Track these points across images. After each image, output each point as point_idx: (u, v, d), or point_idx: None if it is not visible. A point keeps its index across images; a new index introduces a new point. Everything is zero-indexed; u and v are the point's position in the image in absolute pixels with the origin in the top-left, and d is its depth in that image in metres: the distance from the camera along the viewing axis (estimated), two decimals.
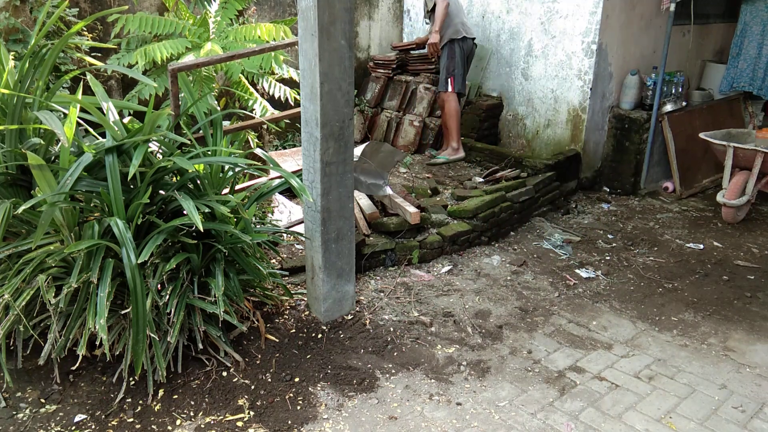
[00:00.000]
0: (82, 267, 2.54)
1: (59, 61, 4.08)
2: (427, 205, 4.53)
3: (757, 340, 3.45)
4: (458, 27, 5.53)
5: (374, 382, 2.98)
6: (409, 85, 6.31)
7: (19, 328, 2.72)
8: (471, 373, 3.08)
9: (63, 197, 2.52)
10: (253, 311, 3.19)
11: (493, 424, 2.74)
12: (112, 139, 2.71)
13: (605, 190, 5.80)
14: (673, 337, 3.47)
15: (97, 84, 2.92)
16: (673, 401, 2.92)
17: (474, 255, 4.40)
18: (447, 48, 5.55)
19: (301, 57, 3.08)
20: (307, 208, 3.32)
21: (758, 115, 6.57)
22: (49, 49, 2.76)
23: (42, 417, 2.67)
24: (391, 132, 6.28)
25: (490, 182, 5.17)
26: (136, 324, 2.54)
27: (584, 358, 3.25)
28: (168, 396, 2.81)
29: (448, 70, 5.55)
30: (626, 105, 5.66)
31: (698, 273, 4.29)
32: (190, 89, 3.41)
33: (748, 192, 5.04)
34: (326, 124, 3.06)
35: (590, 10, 5.20)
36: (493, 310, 3.69)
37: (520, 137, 6.02)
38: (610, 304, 3.83)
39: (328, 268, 3.33)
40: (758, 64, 6.00)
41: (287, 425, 2.68)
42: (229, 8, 4.83)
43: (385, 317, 3.52)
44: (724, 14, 6.43)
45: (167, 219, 2.79)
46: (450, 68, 5.55)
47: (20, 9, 4.10)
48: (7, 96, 2.68)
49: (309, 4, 2.88)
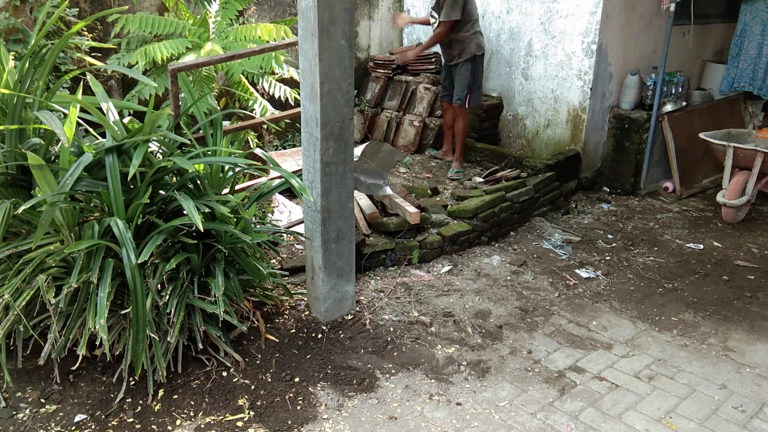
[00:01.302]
0: (82, 267, 2.54)
1: (59, 61, 4.08)
2: (427, 205, 4.53)
3: (757, 340, 3.45)
4: (480, 41, 5.37)
5: (374, 382, 2.98)
6: (409, 85, 6.31)
7: (19, 328, 2.72)
8: (471, 373, 3.08)
9: (63, 197, 2.52)
10: (253, 311, 3.19)
11: (493, 424, 2.74)
12: (112, 139, 2.71)
13: (605, 190, 5.80)
14: (673, 337, 3.47)
15: (97, 84, 2.92)
16: (673, 401, 2.92)
17: (474, 255, 4.40)
18: (469, 63, 5.32)
19: (301, 57, 3.08)
20: (307, 208, 3.32)
21: (758, 115, 6.57)
22: (49, 49, 2.76)
23: (42, 417, 2.67)
24: (391, 132, 6.28)
25: (490, 182, 5.17)
26: (136, 324, 2.54)
27: (584, 358, 3.25)
28: (168, 396, 2.81)
29: (470, 87, 5.37)
30: (626, 105, 5.66)
31: (698, 273, 4.28)
32: (190, 89, 3.41)
33: (748, 192, 5.04)
34: (326, 124, 3.06)
35: (590, 10, 5.20)
36: (493, 310, 3.69)
37: (520, 137, 6.02)
38: (610, 304, 3.83)
39: (328, 268, 3.33)
40: (758, 64, 6.00)
41: (287, 425, 2.68)
42: (229, 8, 4.83)
43: (385, 317, 3.52)
44: (724, 14, 6.42)
45: (167, 219, 2.79)
46: (471, 84, 5.37)
47: (20, 9, 4.10)
48: (7, 96, 2.68)
49: (309, 4, 2.88)
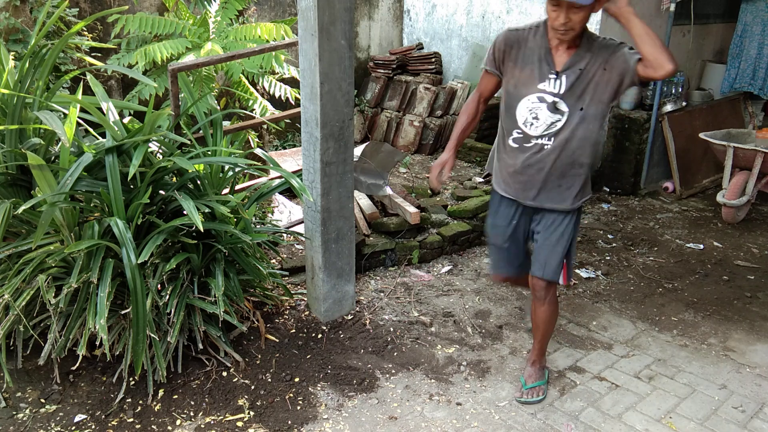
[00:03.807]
0: (82, 267, 2.54)
1: (59, 61, 4.08)
2: (427, 205, 4.53)
3: (757, 340, 3.45)
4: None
5: (374, 382, 2.98)
6: (409, 85, 6.31)
7: (19, 328, 2.72)
8: (471, 373, 3.08)
9: (63, 197, 2.52)
10: (253, 311, 3.19)
11: (493, 424, 2.74)
12: (112, 139, 2.71)
13: (605, 190, 5.80)
14: (673, 337, 3.47)
15: (97, 84, 2.92)
16: (673, 401, 2.92)
17: (474, 255, 4.40)
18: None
19: (301, 57, 3.08)
20: (307, 208, 3.32)
21: (758, 115, 6.57)
22: (49, 49, 2.76)
23: (42, 417, 2.67)
24: (391, 132, 6.28)
25: (490, 182, 5.16)
26: (136, 324, 2.54)
27: (584, 358, 3.25)
28: (168, 396, 2.81)
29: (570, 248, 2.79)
30: (626, 105, 5.66)
31: (698, 273, 4.28)
32: (190, 89, 3.41)
33: (748, 192, 5.03)
34: (326, 124, 3.06)
35: None
36: (493, 310, 3.69)
37: None
38: (610, 304, 3.83)
39: (328, 268, 3.33)
40: (759, 64, 6.00)
41: (287, 425, 2.68)
42: (229, 8, 4.83)
43: (385, 317, 3.52)
44: (724, 14, 6.42)
45: (167, 219, 2.79)
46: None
47: (20, 9, 4.10)
48: (7, 96, 2.68)
49: (309, 4, 2.88)
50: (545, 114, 2.52)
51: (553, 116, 2.51)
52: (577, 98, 2.48)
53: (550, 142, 2.55)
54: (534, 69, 2.51)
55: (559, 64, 2.48)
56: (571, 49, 2.47)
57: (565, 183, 2.62)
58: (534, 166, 2.61)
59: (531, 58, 2.52)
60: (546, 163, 2.58)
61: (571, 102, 2.49)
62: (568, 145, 2.54)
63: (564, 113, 2.50)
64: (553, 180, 2.61)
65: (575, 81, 2.46)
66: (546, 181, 2.62)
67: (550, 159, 2.57)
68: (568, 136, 2.53)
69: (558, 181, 2.62)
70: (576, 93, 2.48)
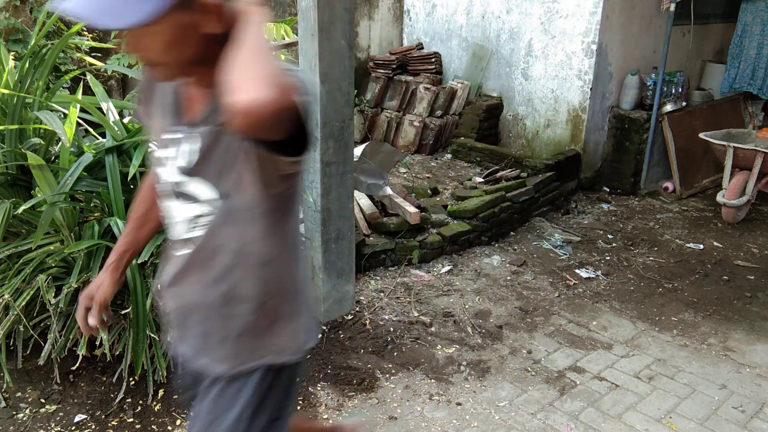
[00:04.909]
0: (82, 267, 2.54)
1: (59, 61, 4.08)
2: (427, 205, 4.53)
3: (757, 340, 3.45)
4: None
5: (374, 382, 2.98)
6: (409, 85, 6.31)
7: (19, 328, 2.72)
8: (471, 373, 3.08)
9: (63, 197, 2.52)
10: None
11: (493, 424, 2.74)
12: (112, 139, 2.71)
13: (605, 190, 5.80)
14: (673, 337, 3.47)
15: (97, 84, 2.92)
16: (673, 401, 2.92)
17: (474, 255, 4.40)
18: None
19: (301, 57, 3.08)
20: (307, 208, 3.32)
21: (758, 115, 6.57)
22: (49, 49, 2.76)
23: (42, 417, 2.67)
24: (391, 132, 6.28)
25: (490, 182, 5.16)
26: (136, 324, 2.54)
27: (584, 358, 3.25)
28: (168, 396, 2.81)
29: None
30: (626, 105, 5.65)
31: (698, 273, 4.28)
32: None
33: (748, 192, 5.03)
34: (326, 124, 3.06)
35: (590, 10, 5.20)
36: (493, 310, 3.69)
37: (520, 137, 6.02)
38: (610, 304, 3.83)
39: (328, 268, 3.33)
40: (758, 65, 6.00)
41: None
42: None
43: (385, 317, 3.52)
44: (724, 14, 6.42)
45: None
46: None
47: (20, 9, 4.10)
48: (7, 96, 2.68)
49: (309, 4, 2.88)
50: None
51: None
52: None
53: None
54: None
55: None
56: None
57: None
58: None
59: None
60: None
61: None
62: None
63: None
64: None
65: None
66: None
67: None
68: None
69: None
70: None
